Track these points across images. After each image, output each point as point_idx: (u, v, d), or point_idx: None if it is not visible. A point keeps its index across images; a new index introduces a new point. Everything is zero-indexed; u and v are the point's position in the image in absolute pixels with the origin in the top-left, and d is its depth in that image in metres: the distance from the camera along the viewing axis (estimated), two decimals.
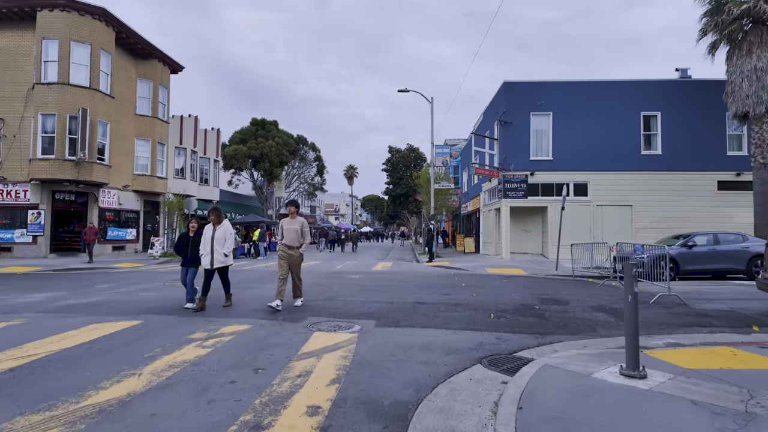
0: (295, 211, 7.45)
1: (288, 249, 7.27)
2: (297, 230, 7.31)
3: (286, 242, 7.27)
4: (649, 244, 11.67)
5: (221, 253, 7.08)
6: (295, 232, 7.31)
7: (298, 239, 7.33)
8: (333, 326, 6.06)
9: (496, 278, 12.25)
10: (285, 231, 7.34)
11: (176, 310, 7.03)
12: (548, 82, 19.29)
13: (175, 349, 4.71)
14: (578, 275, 12.92)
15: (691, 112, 18.75)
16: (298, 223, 7.36)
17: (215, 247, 7.06)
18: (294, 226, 7.32)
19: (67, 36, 18.75)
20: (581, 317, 6.95)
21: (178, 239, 7.40)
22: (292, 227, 7.32)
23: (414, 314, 6.93)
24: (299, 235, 7.35)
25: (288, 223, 7.39)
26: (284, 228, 7.36)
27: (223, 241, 7.12)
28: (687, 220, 18.30)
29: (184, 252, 7.27)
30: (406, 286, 10.33)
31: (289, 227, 7.32)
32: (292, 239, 7.28)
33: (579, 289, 10.13)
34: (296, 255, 7.28)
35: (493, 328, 6.12)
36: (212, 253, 7.06)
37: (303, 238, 7.40)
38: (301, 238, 7.39)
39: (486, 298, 8.48)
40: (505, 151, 19.30)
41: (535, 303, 8.09)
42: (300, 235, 7.36)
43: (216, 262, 7.06)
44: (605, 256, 13.24)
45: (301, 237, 7.38)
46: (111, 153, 20.96)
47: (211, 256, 7.05)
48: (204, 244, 7.12)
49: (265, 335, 5.43)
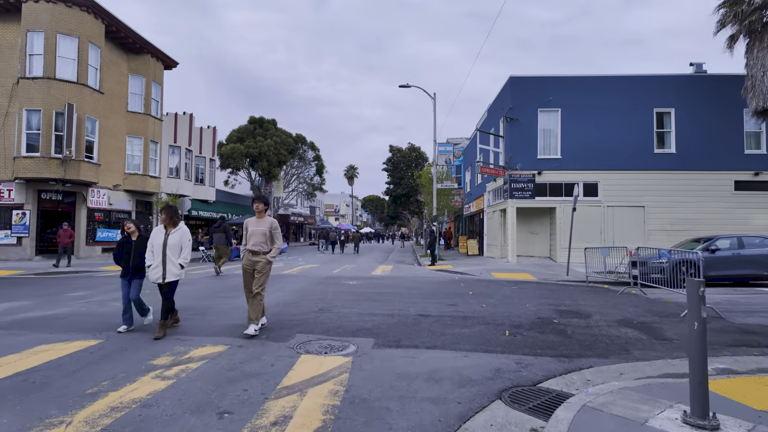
0: (263, 209, 6.08)
1: (253, 255, 5.88)
2: (265, 232, 5.96)
3: (251, 246, 5.87)
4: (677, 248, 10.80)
5: (176, 265, 5.67)
6: (263, 235, 5.96)
7: (266, 243, 5.96)
8: (324, 347, 5.21)
9: (505, 285, 11.39)
10: (250, 233, 5.95)
11: (147, 325, 6.18)
12: (556, 77, 18.43)
13: (128, 382, 3.86)
14: (592, 281, 12.07)
15: (707, 109, 17.87)
16: (267, 223, 5.99)
17: (168, 256, 5.61)
18: (261, 227, 5.96)
19: (54, 28, 17.93)
20: (608, 334, 6.09)
21: (118, 245, 5.95)
22: (259, 228, 5.96)
23: (417, 330, 6.07)
24: (268, 238, 5.97)
25: (254, 223, 6.03)
26: (249, 229, 5.98)
27: (178, 250, 5.71)
28: (702, 222, 17.43)
29: (125, 261, 5.80)
30: (408, 294, 9.48)
31: (256, 228, 5.97)
32: (258, 243, 5.91)
33: (597, 298, 9.27)
34: (262, 262, 5.87)
35: (509, 348, 5.27)
36: (164, 264, 5.60)
37: (272, 243, 6.00)
38: (270, 242, 5.98)
39: (497, 310, 7.62)
40: (511, 149, 18.44)
41: (553, 316, 7.24)
42: (269, 238, 5.97)
43: (169, 275, 5.63)
44: (620, 260, 12.40)
45: (269, 241, 5.98)
46: (100, 151, 20.13)
47: (163, 268, 5.59)
48: (152, 252, 5.66)
49: (242, 360, 4.58)
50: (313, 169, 40.71)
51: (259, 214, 6.04)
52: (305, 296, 8.92)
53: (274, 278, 12.39)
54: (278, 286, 10.57)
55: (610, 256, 11.80)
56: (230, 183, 36.41)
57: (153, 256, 5.64)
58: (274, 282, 11.36)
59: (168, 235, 5.71)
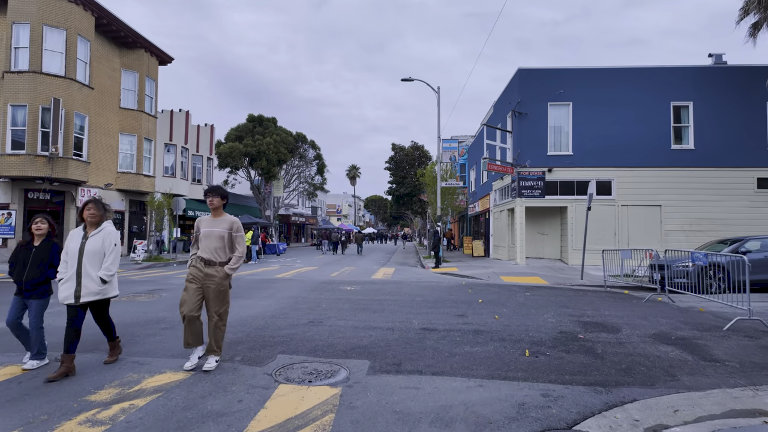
0: (219, 203, 4.48)
1: (205, 266, 4.31)
2: (222, 235, 4.36)
3: (204, 254, 4.33)
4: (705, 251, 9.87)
5: (95, 279, 4.13)
6: (220, 239, 4.35)
7: (224, 250, 4.39)
8: (309, 372, 4.32)
9: (516, 290, 10.47)
10: (203, 235, 4.39)
11: (105, 341, 5.30)
12: (567, 69, 17.47)
13: (47, 430, 2.98)
14: (611, 286, 11.13)
15: (727, 102, 16.87)
16: (225, 223, 4.42)
17: (85, 267, 4.11)
18: (217, 228, 4.37)
19: (40, 20, 17.15)
20: (645, 354, 5.17)
21: (14, 251, 4.38)
22: (214, 230, 4.36)
23: (422, 349, 5.17)
24: (226, 244, 4.40)
25: (208, 223, 4.42)
26: (201, 230, 4.42)
27: (100, 257, 4.19)
28: (723, 222, 16.43)
29: (18, 273, 4.23)
30: (411, 302, 8.57)
31: (210, 230, 4.36)
32: (212, 249, 4.33)
33: (622, 307, 8.33)
34: (219, 277, 4.31)
35: (532, 374, 4.37)
36: (79, 277, 4.08)
37: (232, 250, 4.47)
38: (230, 248, 4.45)
39: (512, 322, 6.70)
40: (519, 145, 17.49)
41: (577, 329, 6.31)
42: (227, 243, 4.41)
43: (85, 293, 4.07)
44: (638, 262, 11.46)
45: (228, 247, 4.43)
46: (90, 148, 19.35)
47: (77, 283, 4.07)
48: (66, 262, 4.15)
49: (204, 393, 3.69)
50: (314, 168, 39.83)
51: (214, 211, 4.50)
52: (296, 305, 8.02)
53: (265, 283, 11.52)
54: (268, 292, 9.69)
55: (630, 258, 10.85)
56: (230, 183, 35.60)
57: (66, 267, 4.13)
58: (264, 288, 10.48)
59: (87, 238, 4.21)
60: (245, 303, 8.19)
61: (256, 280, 12.27)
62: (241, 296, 9.07)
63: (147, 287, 10.54)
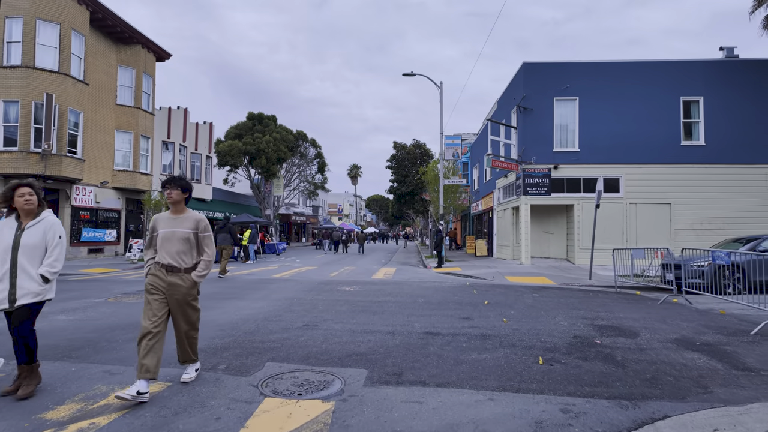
0: (180, 197, 3.71)
1: (168, 273, 3.60)
2: (186, 237, 3.65)
3: (164, 260, 3.61)
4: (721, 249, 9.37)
5: (34, 277, 3.42)
6: (183, 241, 3.64)
7: (189, 254, 3.69)
8: (299, 383, 3.87)
9: (523, 291, 10.00)
10: (162, 237, 3.63)
11: (79, 347, 4.87)
12: (574, 63, 16.99)
13: None
14: (622, 286, 10.66)
15: (739, 97, 16.36)
16: (190, 222, 3.71)
17: (21, 263, 3.40)
18: (180, 228, 3.65)
19: (33, 14, 16.76)
20: (670, 362, 4.71)
21: None
22: (176, 231, 3.64)
23: (425, 356, 4.72)
24: (192, 246, 3.71)
25: (167, 222, 3.68)
26: (160, 231, 3.65)
27: (40, 252, 3.50)
28: (735, 221, 15.93)
29: None
30: (413, 303, 8.12)
31: (171, 230, 3.64)
32: (175, 253, 3.61)
33: (636, 309, 7.86)
34: (185, 287, 3.63)
35: (548, 385, 3.91)
36: (13, 277, 3.37)
37: (200, 253, 3.79)
38: (196, 251, 3.76)
39: (522, 326, 6.24)
40: (524, 141, 17.01)
41: (592, 334, 5.85)
42: (193, 245, 3.72)
43: (21, 294, 3.37)
44: (648, 262, 10.98)
45: (194, 250, 3.74)
46: (85, 146, 18.97)
47: (11, 282, 3.37)
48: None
49: (178, 409, 3.25)
50: (315, 167, 39.40)
51: (175, 207, 3.72)
52: (291, 307, 7.58)
53: (261, 284, 11.08)
54: (263, 293, 9.25)
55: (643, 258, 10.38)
56: (229, 181, 35.21)
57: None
58: (259, 289, 10.04)
59: (22, 230, 3.46)
60: (237, 304, 7.75)
61: (251, 280, 11.84)
62: (233, 297, 8.63)
63: (137, 287, 10.12)
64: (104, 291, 9.30)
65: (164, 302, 3.61)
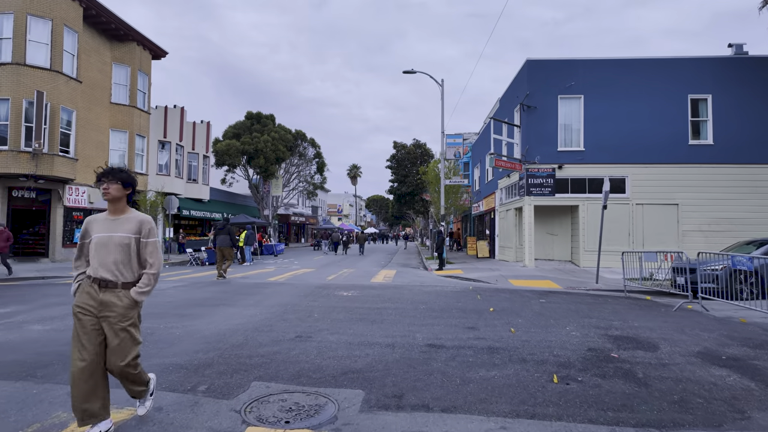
0: (120, 193, 2.96)
1: (101, 290, 2.85)
2: (125, 243, 2.90)
3: (95, 272, 2.87)
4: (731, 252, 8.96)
5: None
6: (122, 248, 2.89)
7: (129, 266, 2.93)
8: (287, 409, 3.44)
9: (529, 296, 9.57)
10: (95, 243, 2.88)
11: (47, 364, 4.43)
12: (579, 60, 16.56)
13: None
14: (631, 291, 10.24)
15: (749, 95, 15.93)
16: (131, 224, 2.95)
17: None
18: (118, 232, 2.91)
19: (24, 9, 16.33)
20: (697, 379, 4.27)
21: None
22: (113, 235, 2.89)
23: (428, 374, 4.29)
24: (132, 255, 2.94)
25: (103, 224, 2.94)
26: (93, 237, 2.91)
27: None
28: (745, 222, 15.50)
29: None
30: (414, 310, 7.69)
31: (107, 235, 2.89)
32: (110, 264, 2.87)
33: (651, 316, 7.43)
34: (121, 306, 2.85)
35: (566, 409, 3.49)
36: None
37: (141, 265, 3.01)
38: (136, 262, 2.98)
39: (531, 337, 5.81)
40: (528, 140, 16.58)
41: (608, 346, 5.42)
42: (133, 254, 2.94)
43: None
44: (657, 265, 10.56)
45: (135, 260, 2.97)
46: (79, 145, 18.54)
47: None
48: None
49: None
50: (314, 167, 38.96)
51: (113, 206, 2.95)
52: (285, 315, 7.14)
53: (255, 288, 10.64)
54: (256, 299, 8.81)
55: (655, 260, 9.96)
56: (227, 181, 34.80)
57: None
58: (252, 294, 9.59)
59: None
60: (227, 312, 7.31)
61: (245, 284, 11.41)
62: (224, 303, 8.19)
63: None
64: None
65: (95, 327, 2.83)
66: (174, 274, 14.38)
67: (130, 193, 3.05)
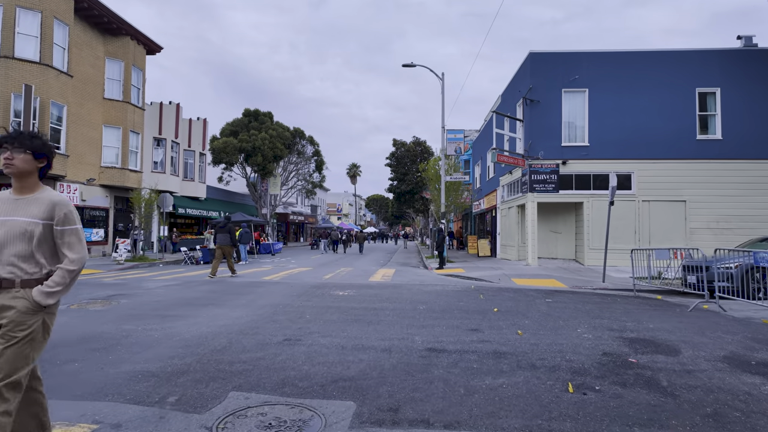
0: (28, 167, 2.23)
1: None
2: (29, 229, 2.13)
3: None
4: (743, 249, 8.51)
5: None
6: (23, 236, 2.13)
7: (32, 259, 2.17)
8: (266, 425, 2.99)
9: (534, 296, 9.12)
10: None
11: None
12: (583, 53, 16.10)
13: None
14: (641, 290, 9.79)
15: (759, 88, 15.46)
16: (40, 206, 2.19)
17: None
18: (19, 216, 2.16)
19: (12, 1, 15.87)
20: (729, 388, 3.82)
21: None
22: (14, 219, 2.14)
23: (428, 382, 3.84)
24: (39, 245, 2.19)
25: (4, 204, 2.19)
26: None
27: None
28: (755, 219, 15.04)
29: None
30: (413, 311, 7.24)
31: (6, 218, 2.15)
32: (11, 255, 2.12)
33: (666, 317, 6.97)
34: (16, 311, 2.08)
35: (586, 424, 3.06)
36: None
37: (56, 258, 2.27)
38: (47, 254, 2.23)
39: (540, 340, 5.36)
40: (531, 135, 16.12)
41: (625, 350, 4.96)
42: (41, 243, 2.18)
43: None
44: (666, 263, 10.12)
45: (47, 252, 2.22)
46: (70, 141, 18.08)
47: None
48: None
49: None
50: (313, 165, 38.47)
51: (18, 182, 2.24)
52: (274, 316, 6.69)
53: (248, 287, 10.18)
54: (247, 299, 8.35)
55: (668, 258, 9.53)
56: (224, 179, 34.34)
57: None
58: (244, 293, 9.13)
59: None
60: (213, 313, 6.86)
61: (238, 283, 10.96)
62: (211, 303, 7.74)
63: (110, 291, 9.24)
64: (71, 296, 8.41)
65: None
66: (167, 273, 13.94)
67: (44, 166, 2.33)
